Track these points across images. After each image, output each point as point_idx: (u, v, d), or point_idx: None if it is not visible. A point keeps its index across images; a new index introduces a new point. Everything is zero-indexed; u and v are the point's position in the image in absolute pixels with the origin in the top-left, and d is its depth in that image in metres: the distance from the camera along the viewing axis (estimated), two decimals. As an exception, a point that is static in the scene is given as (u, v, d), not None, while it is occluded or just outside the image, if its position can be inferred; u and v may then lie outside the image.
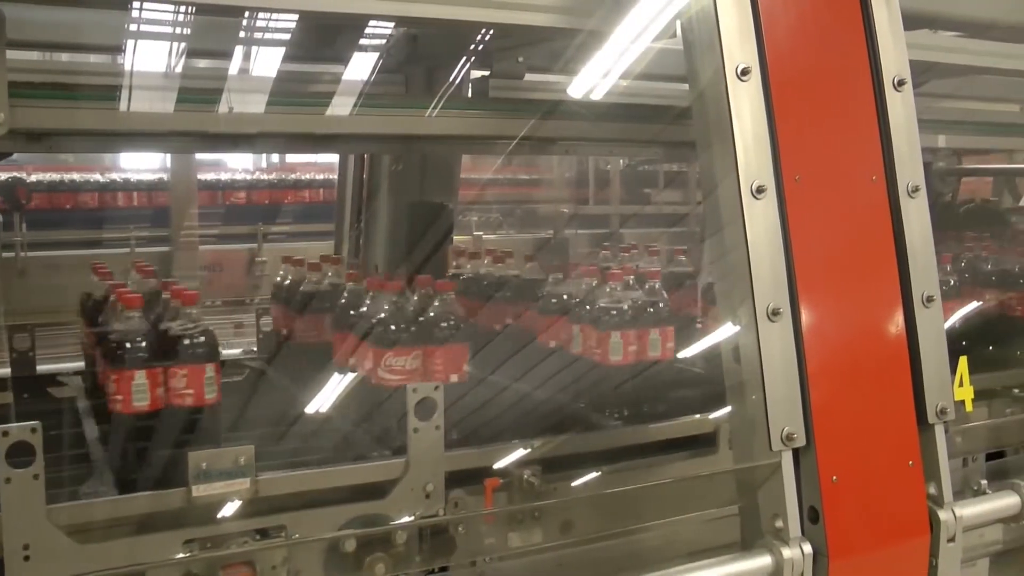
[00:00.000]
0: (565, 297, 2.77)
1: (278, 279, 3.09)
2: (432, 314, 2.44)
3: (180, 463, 1.98)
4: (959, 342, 2.50)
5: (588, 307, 2.66)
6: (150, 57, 2.70)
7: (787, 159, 1.97)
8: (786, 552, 1.88)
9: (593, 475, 2.32)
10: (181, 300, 2.21)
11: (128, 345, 2.12)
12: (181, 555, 1.94)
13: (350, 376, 2.46)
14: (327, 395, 2.54)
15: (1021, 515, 2.31)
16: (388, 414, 2.32)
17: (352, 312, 2.53)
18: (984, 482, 2.31)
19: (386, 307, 2.43)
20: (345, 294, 2.64)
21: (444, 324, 2.43)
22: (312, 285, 2.89)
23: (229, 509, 2.00)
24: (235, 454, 1.98)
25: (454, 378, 2.39)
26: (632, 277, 2.72)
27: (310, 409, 2.53)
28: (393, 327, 2.39)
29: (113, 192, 9.37)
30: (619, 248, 3.26)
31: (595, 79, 2.43)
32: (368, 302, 2.48)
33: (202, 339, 2.16)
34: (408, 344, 2.37)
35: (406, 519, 2.12)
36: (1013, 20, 3.22)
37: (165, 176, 8.86)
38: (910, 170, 2.14)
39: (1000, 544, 2.62)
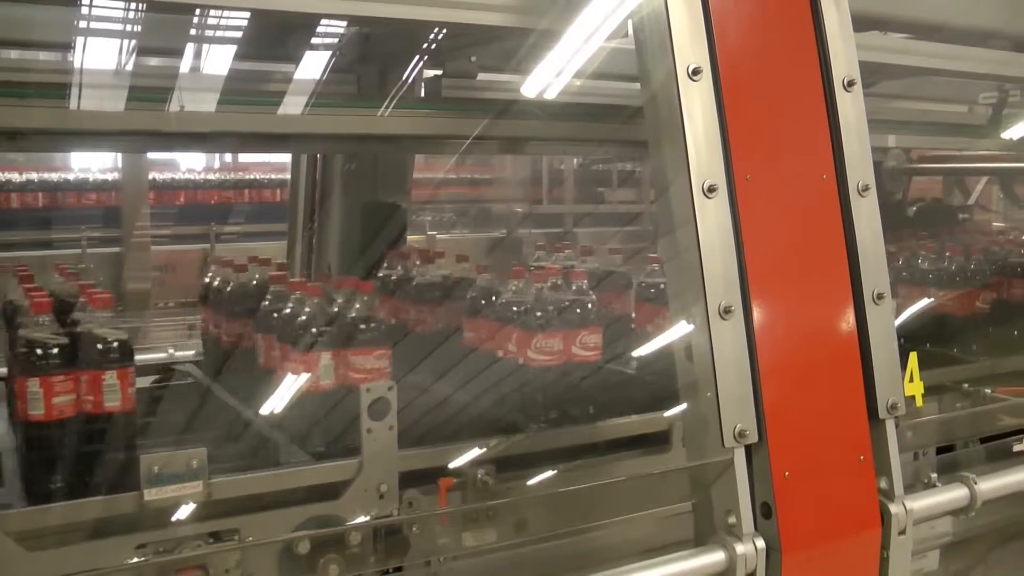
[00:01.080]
0: (493, 298, 2.73)
1: (207, 280, 3.02)
2: (351, 316, 2.38)
3: (86, 473, 1.97)
4: (910, 338, 2.53)
5: (515, 308, 2.62)
6: (100, 54, 2.66)
7: (738, 158, 1.98)
8: (739, 548, 1.89)
9: (547, 474, 2.33)
10: (94, 304, 2.15)
11: (27, 351, 2.07)
12: (134, 560, 1.91)
13: (276, 379, 2.41)
14: (251, 399, 2.50)
15: (970, 507, 2.33)
16: (310, 417, 2.30)
17: (275, 315, 2.48)
18: (934, 475, 2.34)
19: (308, 310, 2.38)
20: (268, 297, 2.58)
21: (363, 327, 2.36)
22: (239, 287, 2.83)
23: (182, 513, 1.98)
24: (187, 457, 1.95)
25: (373, 380, 2.32)
26: (559, 277, 2.69)
27: (234, 413, 2.52)
28: (313, 330, 2.34)
29: (64, 192, 9.24)
30: (554, 247, 3.24)
31: (548, 78, 2.43)
32: (291, 305, 2.43)
33: (103, 344, 2.10)
34: (324, 347, 2.32)
35: (360, 520, 2.11)
36: (961, 23, 3.27)
37: (117, 176, 8.75)
38: (860, 169, 2.16)
39: (950, 536, 2.66)
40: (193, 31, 2.89)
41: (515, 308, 2.61)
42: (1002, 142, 4.34)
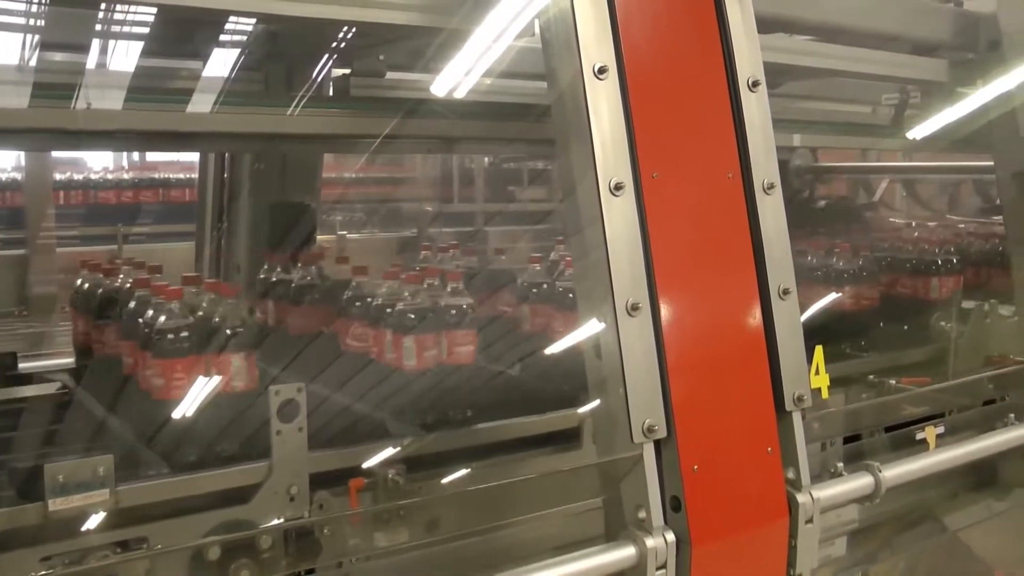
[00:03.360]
0: (368, 300, 2.70)
1: (77, 283, 2.94)
2: (216, 320, 2.34)
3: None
4: (817, 332, 2.58)
5: (389, 310, 2.59)
6: (1, 49, 2.59)
7: (644, 156, 2.00)
8: (649, 542, 1.91)
9: (459, 473, 2.33)
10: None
11: None
12: (40, 573, 1.87)
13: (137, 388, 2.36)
14: (113, 409, 2.45)
15: (875, 495, 2.39)
16: (172, 428, 2.24)
17: (136, 321, 2.40)
18: (841, 465, 2.40)
19: (166, 315, 2.31)
20: (133, 301, 2.51)
21: (228, 331, 2.32)
22: (107, 292, 2.77)
23: (88, 522, 1.93)
24: (93, 465, 1.91)
25: (239, 386, 2.30)
26: (436, 279, 2.67)
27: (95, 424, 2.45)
28: (171, 336, 2.28)
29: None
30: (438, 248, 3.22)
31: (457, 77, 2.43)
32: (151, 310, 2.36)
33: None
34: (183, 353, 2.27)
35: (271, 523, 2.09)
36: (864, 26, 3.35)
37: (19, 175, 8.49)
38: (765, 168, 2.20)
39: (856, 523, 2.73)
40: (99, 26, 2.83)
41: (388, 310, 2.56)
42: (904, 142, 4.47)
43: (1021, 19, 3.18)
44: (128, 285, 2.74)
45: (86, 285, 2.88)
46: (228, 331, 2.31)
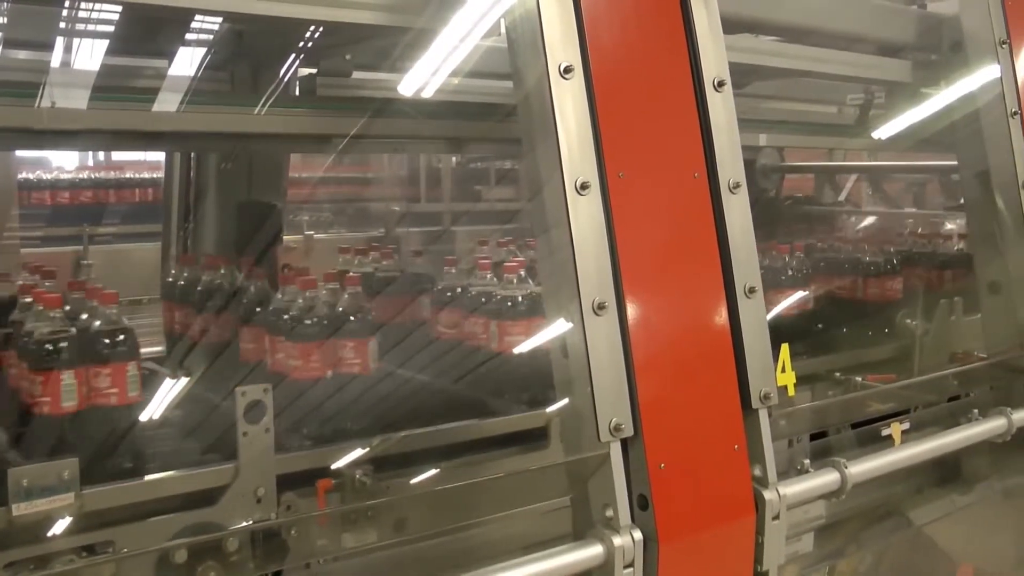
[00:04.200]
0: (260, 306, 2.64)
1: None
2: (93, 329, 2.24)
3: None
4: (783, 330, 2.60)
5: (286, 316, 2.51)
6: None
7: (610, 156, 2.01)
8: (617, 540, 1.92)
9: (428, 473, 2.32)
10: None
11: None
12: (4, 579, 1.84)
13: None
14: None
15: (841, 490, 2.41)
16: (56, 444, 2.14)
17: (14, 330, 2.32)
18: (807, 461, 2.41)
19: (43, 324, 2.19)
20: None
21: (107, 340, 2.22)
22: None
23: (53, 527, 1.91)
24: (58, 469, 1.88)
25: (113, 400, 2.20)
26: (334, 283, 2.61)
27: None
28: (48, 346, 2.17)
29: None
30: (356, 250, 3.17)
31: (424, 77, 2.42)
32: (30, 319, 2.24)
33: None
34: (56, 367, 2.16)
35: (238, 525, 2.07)
36: (830, 28, 3.38)
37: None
38: (731, 167, 2.22)
39: (823, 518, 2.75)
40: (64, 24, 2.81)
41: (285, 316, 2.50)
42: (869, 141, 4.51)
43: (983, 21, 3.21)
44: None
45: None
46: (107, 340, 2.21)
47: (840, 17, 3.37)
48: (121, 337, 2.23)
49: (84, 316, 2.30)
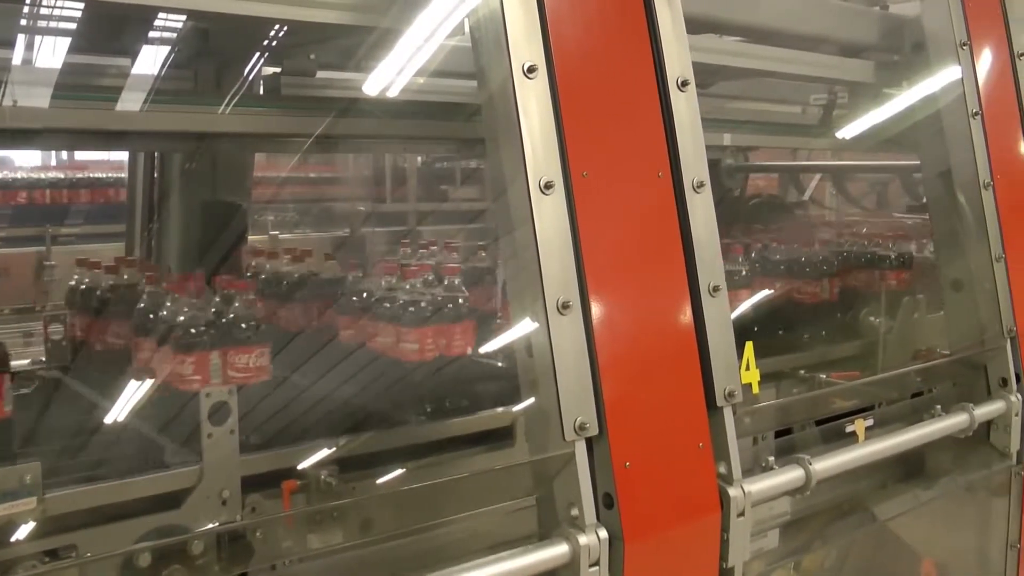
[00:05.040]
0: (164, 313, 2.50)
1: None
2: None
3: None
4: (748, 328, 2.62)
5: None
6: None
7: (574, 155, 2.01)
8: (582, 539, 1.92)
9: (394, 473, 2.32)
10: None
11: None
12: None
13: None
14: None
15: (805, 487, 2.43)
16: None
17: None
18: (772, 458, 2.43)
19: None
20: None
21: None
22: None
23: (16, 532, 1.88)
24: (19, 472, 1.86)
25: None
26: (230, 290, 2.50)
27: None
28: None
29: None
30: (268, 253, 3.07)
31: (389, 76, 2.42)
32: None
33: None
34: None
35: (203, 528, 2.06)
36: (794, 28, 3.40)
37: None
38: (695, 166, 2.23)
39: (788, 515, 2.76)
40: (25, 21, 2.77)
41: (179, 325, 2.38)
42: (833, 141, 4.55)
43: (944, 23, 3.25)
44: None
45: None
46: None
47: (803, 18, 3.39)
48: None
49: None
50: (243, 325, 2.37)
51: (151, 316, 2.44)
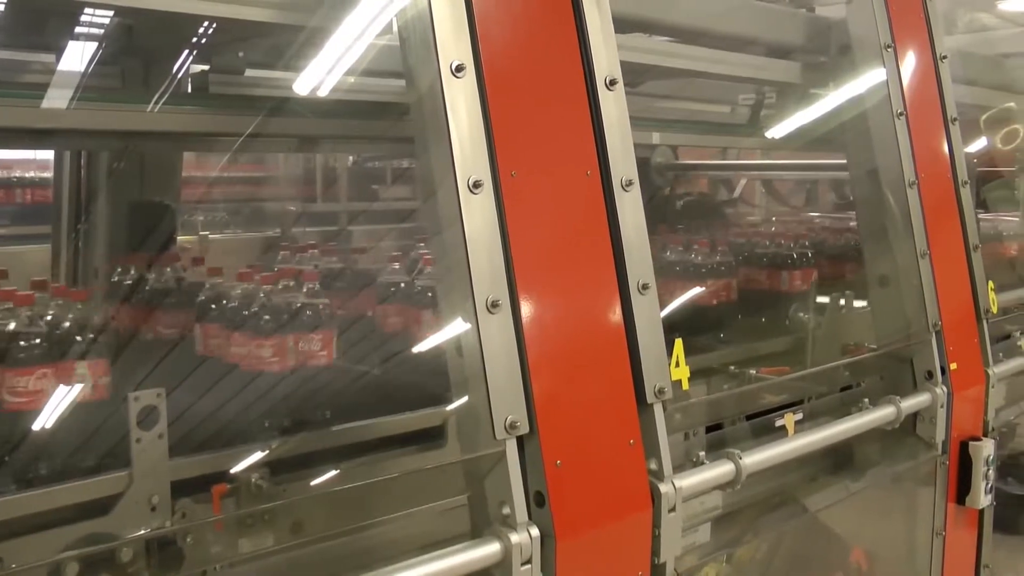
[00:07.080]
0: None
1: None
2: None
3: None
4: (679, 326, 2.65)
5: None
6: None
7: (503, 154, 2.01)
8: (514, 537, 1.92)
9: (325, 475, 2.30)
10: None
11: None
12: None
13: None
14: None
15: (736, 481, 2.46)
16: None
17: None
18: (703, 454, 2.46)
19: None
20: None
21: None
22: None
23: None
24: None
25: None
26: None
27: None
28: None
29: None
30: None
31: (319, 75, 2.40)
32: None
33: None
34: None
35: (132, 535, 2.03)
36: (722, 29, 3.45)
37: None
38: (623, 165, 2.24)
39: (719, 509, 2.79)
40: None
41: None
42: (761, 140, 4.62)
43: (868, 26, 3.32)
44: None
45: None
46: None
47: (731, 19, 3.43)
48: None
49: None
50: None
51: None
